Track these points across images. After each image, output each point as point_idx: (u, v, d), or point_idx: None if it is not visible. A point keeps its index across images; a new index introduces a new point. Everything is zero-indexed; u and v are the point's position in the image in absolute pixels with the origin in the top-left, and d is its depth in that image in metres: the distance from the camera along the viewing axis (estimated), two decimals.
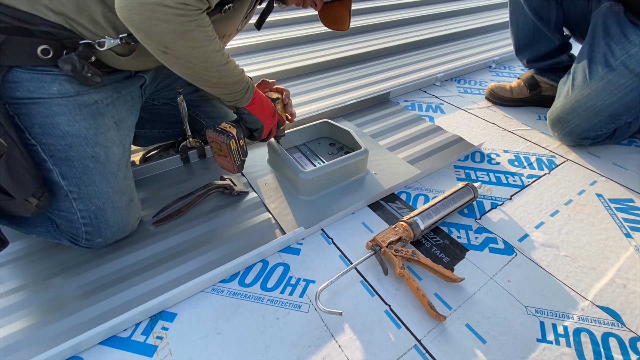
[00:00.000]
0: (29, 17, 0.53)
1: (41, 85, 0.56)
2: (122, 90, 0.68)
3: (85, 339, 0.53)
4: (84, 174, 0.62)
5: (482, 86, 1.39)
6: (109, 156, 0.64)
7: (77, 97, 0.60)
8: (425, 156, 0.97)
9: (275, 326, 0.58)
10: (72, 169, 0.61)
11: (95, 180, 0.63)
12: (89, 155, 0.62)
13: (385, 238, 0.67)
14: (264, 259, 0.69)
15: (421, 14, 2.09)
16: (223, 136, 0.68)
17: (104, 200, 0.64)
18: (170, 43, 0.53)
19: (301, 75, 1.42)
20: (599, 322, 0.60)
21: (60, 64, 0.56)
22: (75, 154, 0.60)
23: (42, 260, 0.67)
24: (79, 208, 0.63)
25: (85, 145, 0.61)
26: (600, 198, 0.85)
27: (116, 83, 0.67)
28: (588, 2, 1.00)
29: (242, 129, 0.72)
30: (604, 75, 0.90)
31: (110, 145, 0.65)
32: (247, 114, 0.70)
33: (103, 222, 0.65)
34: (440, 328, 0.58)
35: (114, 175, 0.65)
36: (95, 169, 0.63)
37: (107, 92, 0.64)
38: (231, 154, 0.70)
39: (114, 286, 0.63)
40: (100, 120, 0.63)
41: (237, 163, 0.73)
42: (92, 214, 0.64)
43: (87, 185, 0.62)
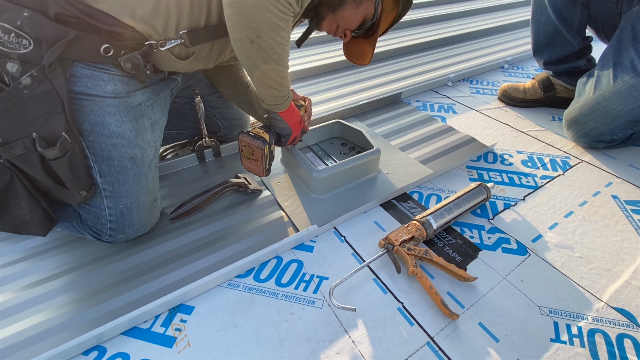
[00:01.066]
0: (104, 16, 0.56)
1: (98, 82, 0.59)
2: (160, 93, 0.70)
3: (107, 329, 0.55)
4: (121, 174, 0.64)
5: (494, 87, 1.38)
6: (145, 157, 0.67)
7: (127, 99, 0.62)
8: (437, 156, 0.98)
9: (290, 321, 0.59)
10: (111, 168, 0.63)
11: (129, 180, 0.65)
12: (128, 156, 0.64)
13: (398, 237, 0.68)
14: (278, 255, 0.71)
15: (433, 15, 2.08)
16: (258, 141, 0.71)
17: (132, 199, 0.66)
18: (264, 33, 0.56)
19: (314, 75, 1.43)
20: (613, 323, 0.60)
21: (123, 62, 0.58)
22: (116, 154, 0.63)
23: (63, 255, 0.70)
24: (108, 205, 0.65)
25: (127, 146, 0.63)
26: (615, 199, 0.85)
27: (155, 85, 0.69)
28: (617, 5, 0.98)
29: (273, 134, 0.74)
30: (629, 80, 0.88)
31: (147, 146, 0.67)
32: (280, 120, 0.72)
33: (128, 220, 0.67)
34: (453, 326, 0.59)
35: (145, 176, 0.67)
36: (132, 170, 0.65)
37: (148, 94, 0.67)
38: (263, 159, 0.73)
39: (134, 279, 0.65)
40: (141, 122, 0.65)
41: (267, 167, 0.76)
42: (119, 212, 0.66)
43: (120, 185, 0.64)
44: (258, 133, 0.73)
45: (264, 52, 0.59)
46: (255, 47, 0.58)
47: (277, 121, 0.73)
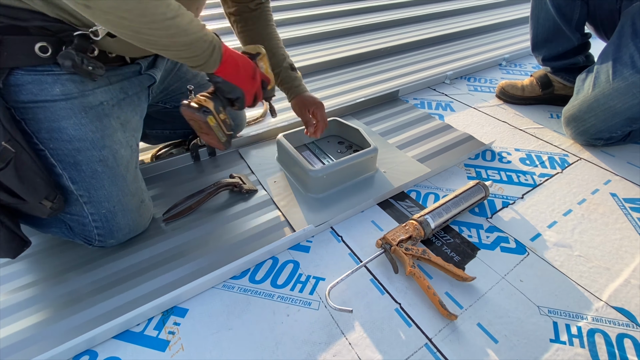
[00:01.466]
0: (19, 12, 0.50)
1: (43, 87, 0.54)
2: (129, 91, 0.67)
3: (99, 333, 0.54)
4: (93, 178, 0.61)
5: (492, 84, 1.37)
6: (117, 159, 0.63)
7: (82, 99, 0.58)
8: (435, 154, 0.97)
9: (285, 323, 0.58)
10: (81, 174, 0.60)
11: (104, 184, 0.62)
12: (96, 159, 0.61)
13: (395, 236, 0.67)
14: (274, 256, 0.69)
15: (431, 12, 2.07)
16: (199, 113, 0.60)
17: (114, 203, 0.64)
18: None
19: (310, 73, 1.42)
20: (613, 322, 0.59)
21: (60, 60, 0.53)
22: (83, 158, 0.60)
23: (56, 256, 0.68)
24: (90, 212, 0.63)
25: (93, 149, 0.60)
26: (614, 197, 0.84)
27: (124, 82, 0.66)
28: (617, 1, 0.97)
29: (221, 99, 0.63)
30: (629, 76, 0.87)
31: (118, 147, 0.63)
32: (222, 82, 0.61)
33: (114, 224, 0.65)
34: (452, 327, 0.58)
35: (122, 178, 0.64)
36: (104, 173, 0.62)
37: (113, 92, 0.63)
38: (212, 131, 0.63)
39: (126, 282, 0.64)
40: (106, 122, 0.61)
41: (222, 140, 0.66)
42: (103, 217, 0.64)
43: (96, 190, 0.62)
44: (200, 102, 0.62)
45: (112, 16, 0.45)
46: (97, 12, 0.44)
47: (219, 83, 0.61)
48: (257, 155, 0.96)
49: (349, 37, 1.76)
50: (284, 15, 1.89)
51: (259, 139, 1.01)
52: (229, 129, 0.67)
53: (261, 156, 0.95)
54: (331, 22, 1.89)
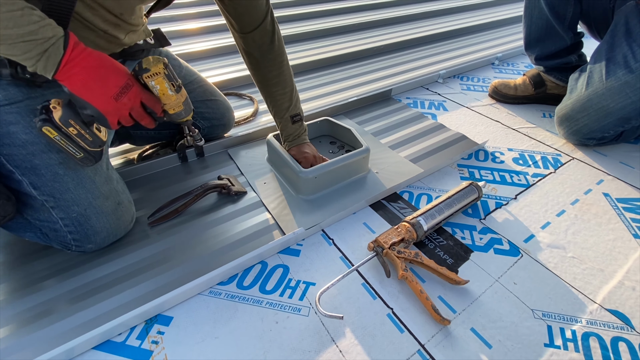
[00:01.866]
0: None
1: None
2: None
3: (78, 344, 0.52)
4: (55, 182, 0.58)
5: (485, 83, 1.37)
6: None
7: (29, 102, 0.55)
8: (427, 154, 0.95)
9: (274, 330, 0.56)
10: (41, 178, 0.57)
11: (69, 187, 0.59)
12: (56, 162, 0.58)
13: (387, 239, 0.65)
14: (263, 260, 0.67)
15: (424, 11, 2.06)
16: (37, 119, 0.50)
17: (84, 207, 0.61)
18: None
19: (302, 72, 1.40)
20: (608, 326, 0.58)
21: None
22: (40, 162, 0.57)
23: (35, 262, 0.65)
24: (59, 217, 0.60)
25: (49, 152, 0.57)
26: (607, 197, 0.83)
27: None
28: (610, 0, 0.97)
29: (76, 112, 0.52)
30: (622, 76, 0.87)
31: None
32: (69, 94, 0.51)
33: (89, 228, 0.62)
34: (445, 332, 0.56)
35: (90, 180, 0.62)
36: (67, 175, 0.59)
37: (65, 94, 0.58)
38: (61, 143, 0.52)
39: (108, 289, 0.61)
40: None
41: (78, 155, 0.55)
42: (75, 221, 0.61)
43: (61, 193, 0.59)
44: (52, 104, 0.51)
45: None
46: None
47: (69, 95, 0.51)
48: (247, 156, 0.93)
49: (342, 35, 1.74)
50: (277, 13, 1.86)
51: (249, 139, 0.98)
52: (90, 144, 0.55)
53: (251, 157, 0.93)
54: (324, 21, 1.87)
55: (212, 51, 1.47)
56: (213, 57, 1.46)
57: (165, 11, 1.74)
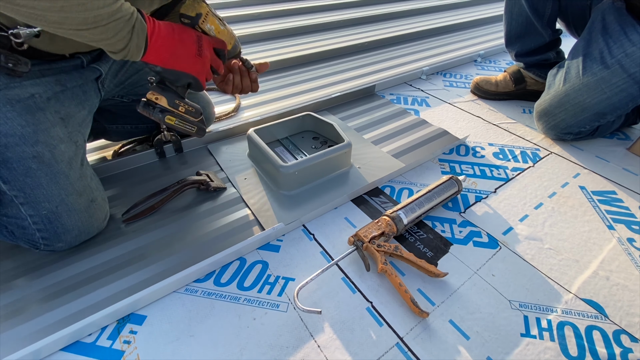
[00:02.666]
0: None
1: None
2: (68, 84, 0.61)
3: (45, 345, 0.50)
4: (27, 177, 0.56)
5: (467, 80, 1.38)
6: (56, 155, 0.58)
7: (7, 91, 0.53)
8: (410, 149, 0.96)
9: (251, 327, 0.55)
10: (13, 172, 0.55)
11: (41, 182, 0.57)
12: (29, 156, 0.55)
13: (367, 233, 0.65)
14: (241, 256, 0.66)
15: (408, 8, 2.07)
16: (155, 115, 0.54)
17: (56, 203, 0.58)
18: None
19: (285, 68, 1.39)
20: (582, 315, 0.59)
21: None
22: (13, 155, 0.54)
23: (2, 262, 0.62)
24: (28, 213, 0.57)
25: (24, 145, 0.55)
26: (583, 190, 0.85)
27: (61, 75, 0.60)
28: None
29: (173, 90, 0.55)
30: (598, 72, 0.88)
31: (57, 143, 0.58)
32: (162, 70, 0.52)
33: (60, 226, 0.59)
34: (423, 325, 0.56)
35: (64, 175, 0.59)
36: (40, 170, 0.56)
37: (46, 85, 0.57)
38: (179, 126, 0.57)
39: (79, 288, 0.59)
40: (40, 116, 0.56)
41: (193, 131, 0.59)
42: (45, 218, 0.58)
43: (32, 189, 0.56)
44: (150, 99, 0.54)
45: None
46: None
47: (160, 73, 0.52)
48: (227, 152, 0.92)
49: (326, 32, 1.73)
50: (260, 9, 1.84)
51: (230, 134, 0.97)
52: (196, 115, 0.59)
53: (231, 152, 0.91)
54: (308, 17, 1.86)
55: None
56: None
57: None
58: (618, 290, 0.63)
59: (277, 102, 1.16)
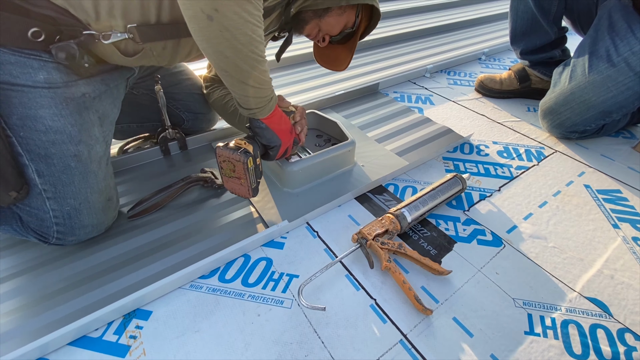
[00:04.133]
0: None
1: (26, 70, 0.51)
2: (111, 84, 0.63)
3: (52, 339, 0.50)
4: (64, 174, 0.57)
5: (471, 78, 1.37)
6: (92, 155, 0.60)
7: (65, 89, 0.55)
8: (413, 147, 0.96)
9: (256, 323, 0.56)
10: (51, 167, 0.56)
11: (74, 180, 0.58)
12: (71, 154, 0.57)
13: (371, 230, 0.65)
14: (245, 253, 0.66)
15: (412, 6, 2.06)
16: (239, 154, 0.59)
17: (80, 201, 0.60)
18: (224, 6, 0.46)
19: (289, 65, 1.39)
20: (586, 313, 0.59)
21: (54, 50, 0.51)
22: (56, 152, 0.56)
23: (7, 258, 0.63)
24: (52, 207, 0.58)
25: (69, 143, 0.56)
26: (588, 189, 0.85)
27: (104, 74, 0.62)
28: None
29: (259, 145, 0.63)
30: (604, 70, 0.88)
31: (94, 142, 0.60)
32: (265, 129, 0.62)
33: (77, 222, 0.61)
34: (427, 322, 0.57)
35: (94, 174, 0.61)
36: (76, 169, 0.58)
37: (95, 84, 0.59)
38: (247, 175, 0.62)
39: (85, 284, 0.59)
40: (85, 116, 0.58)
41: (253, 186, 0.64)
42: (66, 214, 0.59)
43: (64, 185, 0.58)
44: (239, 145, 0.61)
45: (228, 33, 0.48)
46: (216, 25, 0.47)
47: (261, 130, 0.62)
48: None
49: None
50: None
51: (234, 132, 0.97)
52: (259, 176, 0.66)
53: None
54: None
55: None
56: None
57: None
58: (622, 289, 0.63)
59: None
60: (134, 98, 0.81)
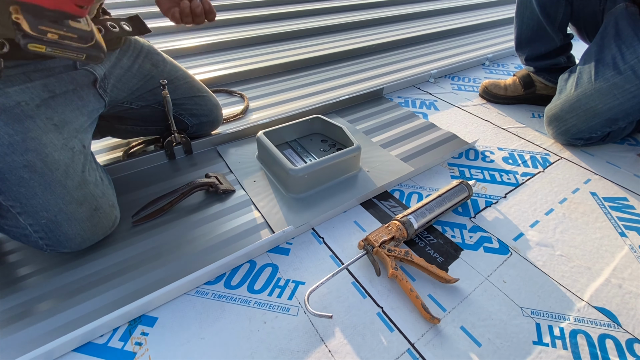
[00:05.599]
0: None
1: None
2: (57, 89, 0.60)
3: (57, 346, 0.50)
4: (21, 187, 0.54)
5: (476, 83, 1.37)
6: (48, 164, 0.56)
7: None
8: (418, 153, 0.95)
9: (262, 330, 0.55)
10: (6, 182, 0.53)
11: (36, 192, 0.55)
12: (20, 165, 0.54)
13: (377, 237, 0.65)
14: (251, 259, 0.66)
15: (416, 11, 2.07)
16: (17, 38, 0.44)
17: (54, 212, 0.57)
18: None
19: (294, 70, 1.39)
20: (595, 323, 0.58)
21: None
22: (3, 165, 0.53)
23: (10, 263, 0.63)
24: (27, 222, 0.56)
25: (13, 154, 0.53)
26: (594, 196, 0.84)
27: (49, 79, 0.58)
28: (600, 2, 0.97)
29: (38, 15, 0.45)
30: (610, 77, 0.88)
31: (50, 150, 0.56)
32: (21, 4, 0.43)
33: (61, 235, 0.58)
34: (434, 331, 0.56)
35: (60, 184, 0.57)
36: (33, 180, 0.55)
37: (32, 91, 0.56)
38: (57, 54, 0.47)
39: (90, 289, 0.59)
40: (29, 124, 0.55)
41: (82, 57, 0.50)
42: (45, 227, 0.57)
43: (28, 199, 0.55)
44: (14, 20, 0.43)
45: None
46: None
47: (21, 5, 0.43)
48: (236, 154, 0.92)
49: (335, 34, 1.73)
50: (269, 11, 1.85)
51: (239, 136, 0.97)
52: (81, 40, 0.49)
53: (240, 154, 0.92)
54: (317, 19, 1.86)
55: (200, 48, 1.45)
56: (202, 54, 1.44)
57: (152, 7, 1.71)
58: (631, 299, 0.62)
59: (285, 104, 1.17)
60: (136, 111, 0.81)
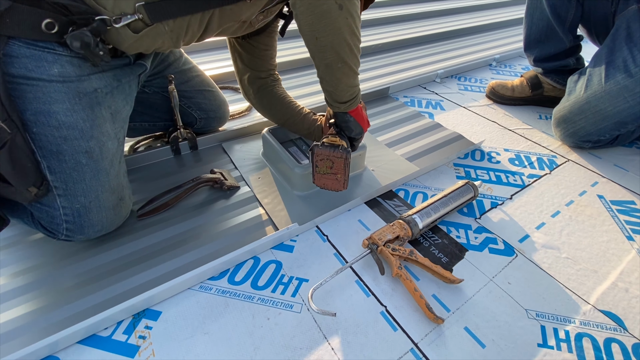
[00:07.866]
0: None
1: (41, 64, 0.51)
2: (123, 79, 0.63)
3: (62, 338, 0.50)
4: (74, 170, 0.57)
5: (482, 84, 1.36)
6: (103, 152, 0.59)
7: (78, 84, 0.55)
8: (424, 153, 0.95)
9: (265, 327, 0.55)
10: (62, 164, 0.56)
11: (85, 177, 0.58)
12: (82, 150, 0.57)
13: (382, 236, 0.64)
14: (255, 255, 0.66)
15: (423, 10, 2.06)
16: (340, 151, 0.61)
17: (90, 199, 0.59)
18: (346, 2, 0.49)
19: (300, 67, 1.39)
20: (601, 327, 0.58)
21: (69, 39, 0.50)
22: (68, 148, 0.55)
23: (16, 254, 0.63)
24: (62, 205, 0.58)
25: (81, 139, 0.56)
26: (601, 199, 0.84)
27: (117, 70, 0.61)
28: (612, 4, 0.96)
29: (346, 139, 0.65)
30: (621, 80, 0.87)
31: (106, 139, 0.60)
32: (352, 122, 0.64)
33: (87, 221, 0.60)
34: (438, 331, 0.56)
35: (105, 172, 0.60)
36: (88, 166, 0.58)
37: (107, 79, 0.59)
38: (345, 170, 0.63)
39: (95, 282, 0.59)
40: (97, 111, 0.58)
41: (346, 179, 0.66)
42: (76, 212, 0.59)
43: (75, 183, 0.57)
44: (334, 142, 0.62)
45: (351, 19, 0.51)
46: (345, 12, 0.49)
47: (348, 123, 0.64)
48: (241, 150, 0.92)
49: None
50: None
51: (244, 133, 0.97)
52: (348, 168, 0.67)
53: (245, 151, 0.92)
54: None
55: (208, 44, 1.45)
56: (209, 50, 1.44)
57: None
58: (637, 303, 0.62)
59: None
60: (147, 97, 0.82)
